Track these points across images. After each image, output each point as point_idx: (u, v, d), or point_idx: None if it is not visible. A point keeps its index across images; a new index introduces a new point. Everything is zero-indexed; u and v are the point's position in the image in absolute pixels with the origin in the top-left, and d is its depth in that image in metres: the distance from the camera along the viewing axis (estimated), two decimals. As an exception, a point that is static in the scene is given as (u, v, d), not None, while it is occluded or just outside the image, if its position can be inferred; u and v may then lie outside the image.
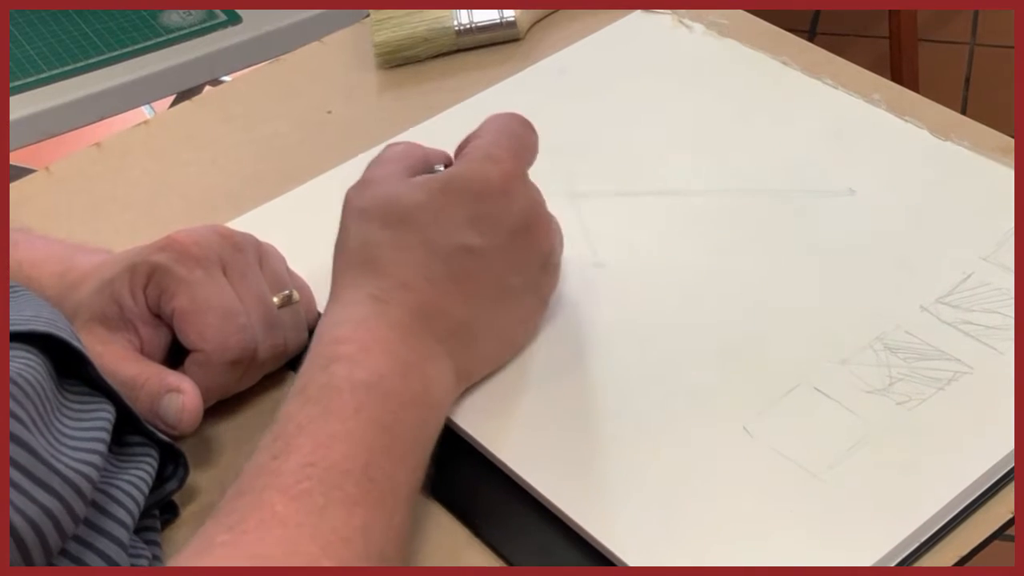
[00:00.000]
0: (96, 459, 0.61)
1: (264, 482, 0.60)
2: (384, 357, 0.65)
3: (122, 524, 0.63)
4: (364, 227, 0.70)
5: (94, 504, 0.62)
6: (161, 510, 0.70)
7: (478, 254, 0.69)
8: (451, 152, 0.75)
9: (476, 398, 0.72)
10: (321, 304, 0.78)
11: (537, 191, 0.72)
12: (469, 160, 0.71)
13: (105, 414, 0.65)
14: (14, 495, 0.55)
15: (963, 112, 0.88)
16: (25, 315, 0.63)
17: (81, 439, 0.61)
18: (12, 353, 0.60)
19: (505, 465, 0.70)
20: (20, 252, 0.76)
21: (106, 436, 0.63)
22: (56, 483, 0.57)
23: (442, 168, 0.73)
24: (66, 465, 0.58)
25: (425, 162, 0.74)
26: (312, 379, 0.64)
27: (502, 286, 0.71)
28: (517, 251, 0.71)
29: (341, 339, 0.66)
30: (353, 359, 0.65)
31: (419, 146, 0.75)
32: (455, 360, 0.69)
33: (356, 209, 0.71)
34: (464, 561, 0.68)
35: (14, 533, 0.54)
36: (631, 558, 0.65)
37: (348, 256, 0.70)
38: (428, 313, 0.68)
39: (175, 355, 0.73)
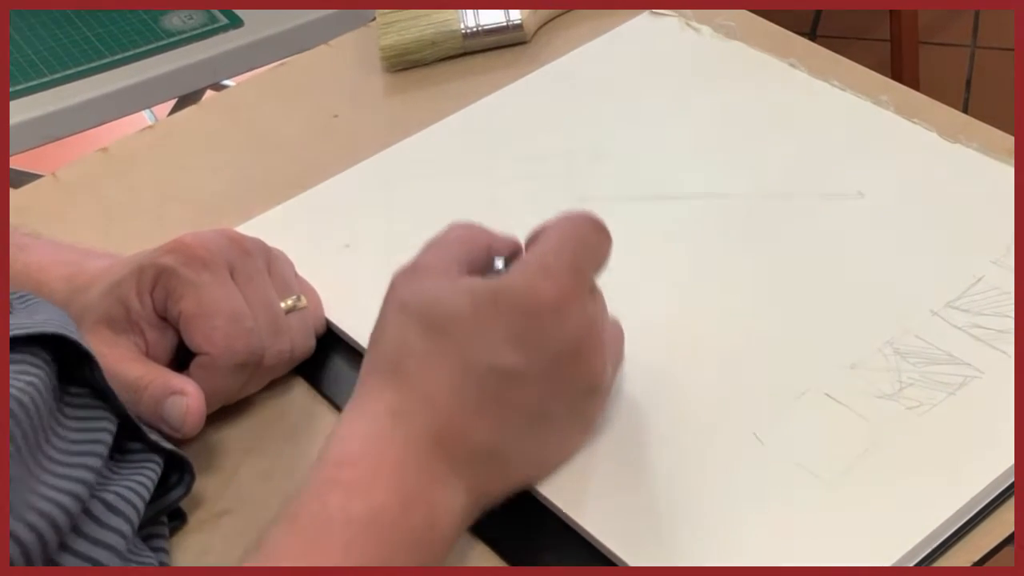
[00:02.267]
0: (79, 488, 0.60)
1: None
2: (389, 486, 0.60)
3: (117, 532, 0.62)
4: (401, 326, 0.64)
5: (88, 514, 0.61)
6: (169, 517, 0.69)
7: (516, 376, 0.63)
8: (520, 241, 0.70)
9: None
10: (328, 309, 0.79)
11: (597, 307, 0.67)
12: (524, 271, 0.65)
13: (106, 423, 0.64)
14: None
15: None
16: (37, 318, 0.63)
17: (70, 463, 0.61)
18: (16, 367, 0.60)
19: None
20: (28, 256, 0.76)
21: (102, 449, 0.63)
22: (33, 518, 0.56)
23: (502, 263, 0.68)
24: (41, 496, 0.57)
25: (488, 252, 0.68)
26: (305, 506, 0.60)
27: (539, 412, 0.65)
28: (561, 376, 0.64)
29: (345, 460, 0.61)
30: (353, 487, 0.60)
31: (484, 232, 0.69)
32: (471, 486, 0.63)
33: (398, 301, 0.65)
34: (464, 561, 0.67)
35: None
36: (636, 562, 0.64)
37: (379, 355, 0.65)
38: (448, 435, 0.63)
39: (181, 359, 0.73)
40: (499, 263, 0.68)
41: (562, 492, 0.68)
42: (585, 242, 0.66)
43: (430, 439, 0.62)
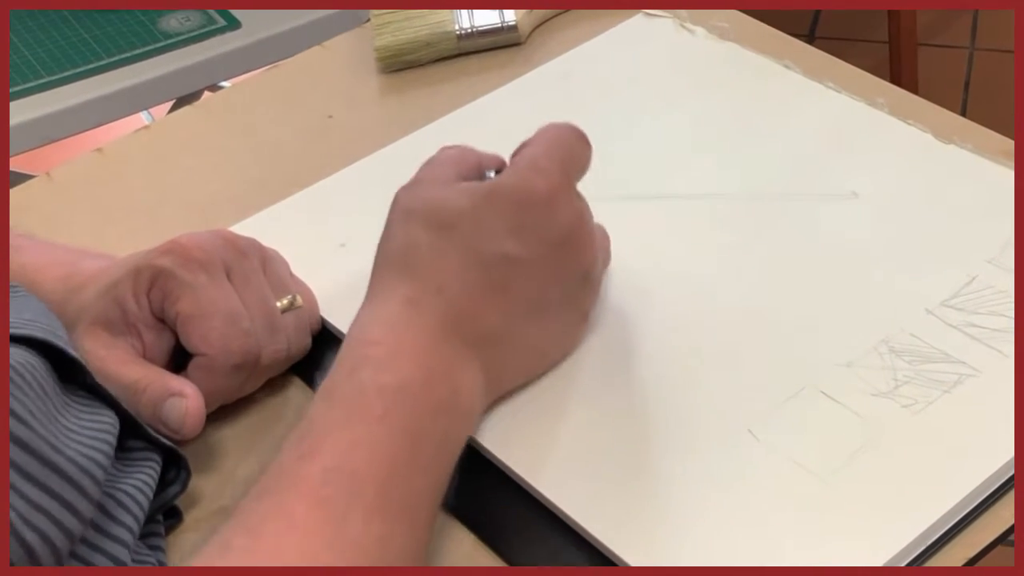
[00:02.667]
0: (101, 457, 0.61)
1: (287, 484, 0.60)
2: (412, 361, 0.65)
3: (128, 529, 0.63)
4: (407, 228, 0.70)
5: (101, 508, 0.62)
6: (165, 515, 0.70)
7: (517, 264, 0.68)
8: (506, 158, 0.74)
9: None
10: (323, 308, 0.79)
11: (584, 204, 0.72)
12: (516, 169, 0.70)
13: (108, 419, 0.65)
14: (12, 497, 0.54)
15: (963, 117, 0.87)
16: (24, 317, 0.63)
17: (86, 435, 0.61)
18: (11, 350, 0.60)
19: (507, 467, 0.70)
20: (24, 256, 0.76)
21: (111, 439, 0.63)
22: (54, 482, 0.57)
23: (494, 174, 0.73)
24: (67, 458, 0.58)
25: (478, 167, 0.73)
26: (339, 382, 0.64)
27: (539, 298, 0.70)
28: (557, 264, 0.70)
29: (371, 341, 0.66)
30: (380, 362, 0.65)
31: (473, 151, 0.75)
32: (486, 368, 0.68)
33: (402, 209, 0.71)
34: (463, 561, 0.68)
35: (17, 537, 0.54)
36: (634, 559, 0.64)
37: (388, 255, 0.70)
38: (461, 319, 0.68)
39: (178, 360, 0.73)
40: (490, 174, 0.73)
41: (561, 492, 0.68)
42: (569, 146, 0.72)
43: (444, 324, 0.67)
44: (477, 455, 0.71)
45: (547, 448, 0.70)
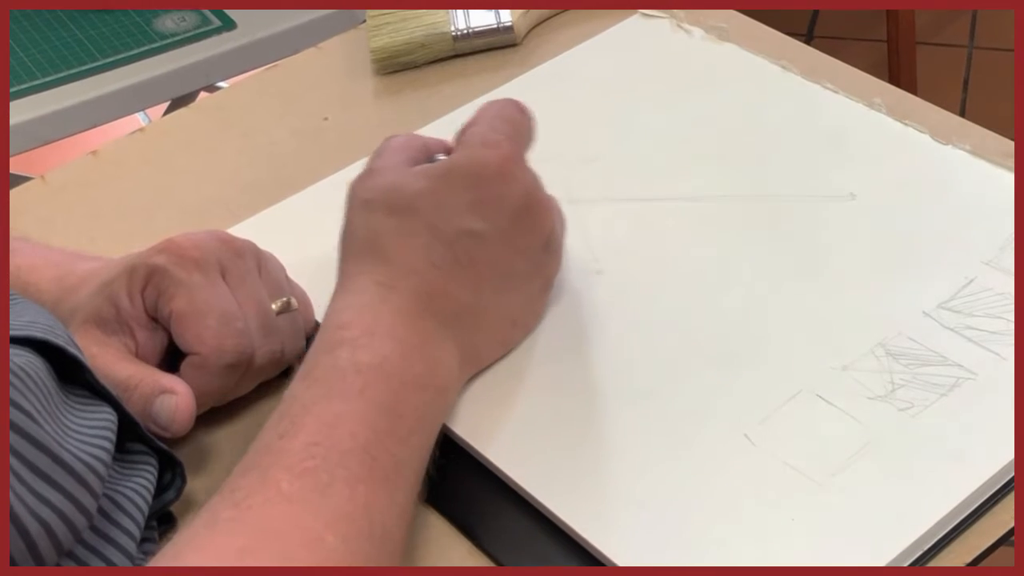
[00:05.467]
0: (103, 454, 0.61)
1: (270, 460, 0.61)
2: (388, 340, 0.66)
3: (127, 533, 0.63)
4: (369, 216, 0.71)
5: (101, 511, 0.62)
6: (159, 521, 0.69)
7: (481, 238, 0.70)
8: (450, 141, 0.76)
9: (470, 400, 0.72)
10: (319, 312, 0.78)
11: (534, 174, 0.74)
12: (467, 147, 0.73)
13: (108, 416, 0.64)
14: (19, 487, 0.55)
15: (962, 116, 0.87)
16: (23, 320, 0.63)
17: (87, 434, 0.61)
18: (12, 351, 0.60)
19: (501, 471, 0.69)
20: (19, 258, 0.76)
21: (111, 435, 0.63)
22: (60, 476, 0.57)
23: (442, 157, 0.75)
24: (73, 455, 0.58)
25: (425, 151, 0.75)
26: (317, 362, 0.66)
27: (506, 269, 0.72)
28: (519, 234, 0.72)
29: (345, 324, 0.67)
30: (357, 343, 0.66)
31: (418, 136, 0.77)
32: (461, 343, 0.70)
33: (360, 200, 0.72)
34: (454, 563, 0.67)
35: (19, 527, 0.54)
36: (625, 562, 0.64)
37: (353, 245, 0.71)
38: (433, 297, 0.69)
39: (171, 360, 0.73)
40: (439, 157, 0.76)
41: (554, 493, 0.68)
42: (513, 119, 0.75)
43: (417, 303, 0.69)
44: (470, 457, 0.71)
45: (542, 453, 0.70)
